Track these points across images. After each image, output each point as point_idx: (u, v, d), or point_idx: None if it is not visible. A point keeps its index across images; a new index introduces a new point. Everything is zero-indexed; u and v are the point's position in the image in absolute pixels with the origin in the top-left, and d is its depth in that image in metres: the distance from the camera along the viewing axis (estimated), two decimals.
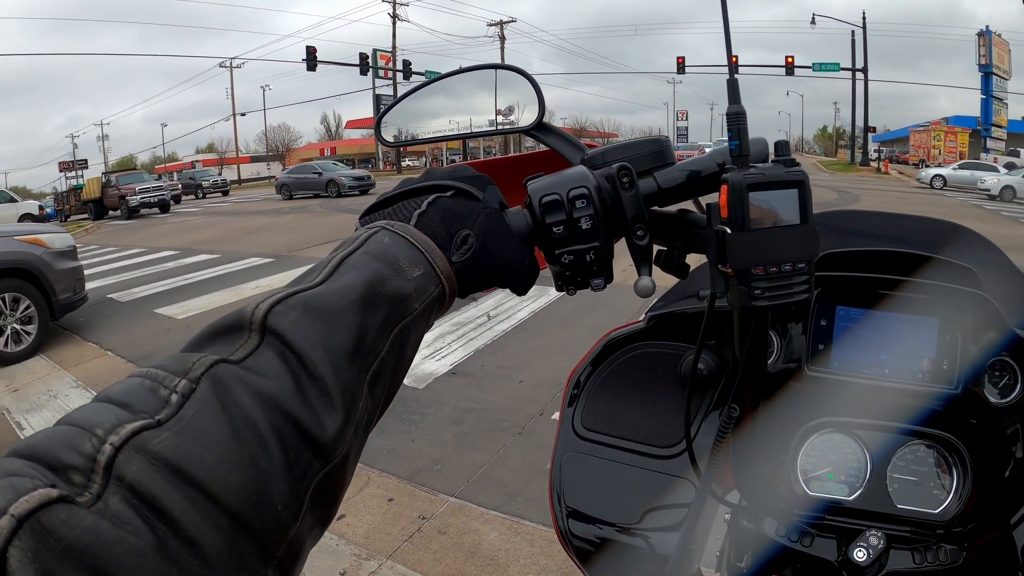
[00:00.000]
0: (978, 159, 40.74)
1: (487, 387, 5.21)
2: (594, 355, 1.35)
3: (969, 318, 1.18)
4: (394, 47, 50.51)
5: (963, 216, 20.44)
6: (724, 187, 0.78)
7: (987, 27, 49.01)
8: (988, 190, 29.53)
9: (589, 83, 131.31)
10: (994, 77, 48.87)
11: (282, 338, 0.55)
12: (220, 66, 62.92)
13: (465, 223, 0.79)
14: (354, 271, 0.65)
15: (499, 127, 1.07)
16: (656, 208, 0.92)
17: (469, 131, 1.09)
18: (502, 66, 1.05)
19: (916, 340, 1.20)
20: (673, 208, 0.90)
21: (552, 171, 0.86)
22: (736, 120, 0.80)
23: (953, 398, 1.16)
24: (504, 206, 0.85)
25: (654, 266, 0.91)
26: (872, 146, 61.73)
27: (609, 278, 0.87)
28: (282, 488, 0.49)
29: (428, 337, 6.30)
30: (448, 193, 0.81)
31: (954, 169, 34.38)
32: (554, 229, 0.82)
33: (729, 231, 0.77)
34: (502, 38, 60.06)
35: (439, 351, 6.04)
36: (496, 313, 7.25)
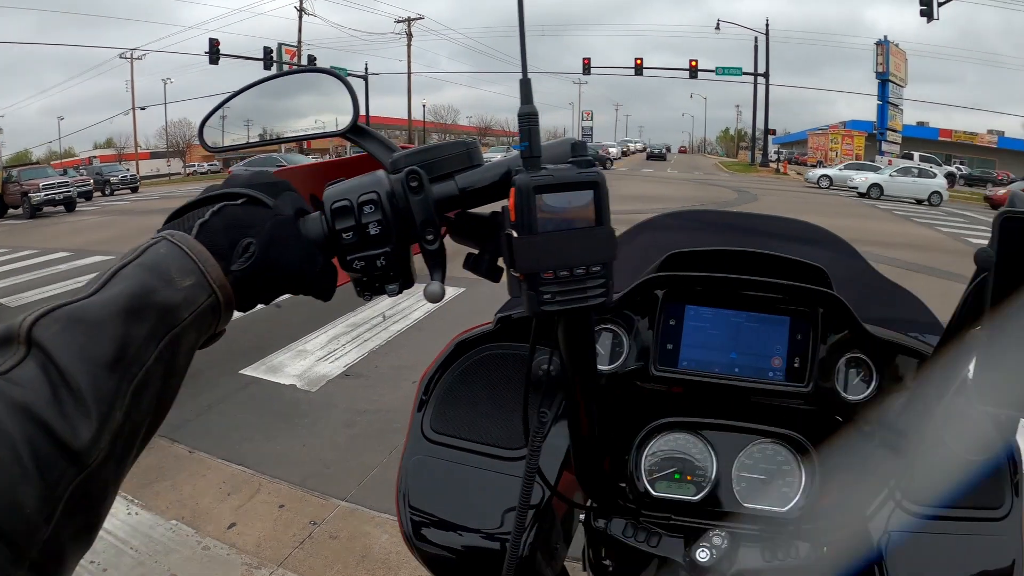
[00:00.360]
0: (873, 161, 43.14)
1: (380, 388, 5.19)
2: (443, 358, 1.35)
3: (820, 316, 1.20)
4: (299, 41, 49.51)
5: (859, 215, 21.62)
6: (512, 189, 0.76)
7: (885, 37, 51.67)
8: (856, 188, 31.71)
9: (496, 82, 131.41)
10: (891, 84, 51.63)
11: (44, 350, 0.57)
12: (120, 57, 60.17)
13: (249, 231, 0.78)
14: (124, 282, 0.65)
15: (317, 131, 1.04)
16: (469, 211, 0.92)
17: (289, 135, 1.07)
18: (318, 70, 1.04)
19: (767, 339, 1.22)
20: (486, 210, 0.90)
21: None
22: (527, 121, 0.78)
23: (805, 396, 1.19)
24: (304, 212, 0.85)
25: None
26: (772, 148, 64.13)
27: (406, 283, 0.87)
28: (32, 493, 0.51)
29: (322, 339, 6.32)
30: (238, 201, 0.81)
31: (840, 169, 36.45)
32: (343, 235, 0.82)
33: (515, 235, 0.76)
34: (409, 35, 59.61)
35: (332, 353, 6.00)
36: (392, 313, 7.23)
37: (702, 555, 1.07)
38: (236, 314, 0.76)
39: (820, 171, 39.24)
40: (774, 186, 35.42)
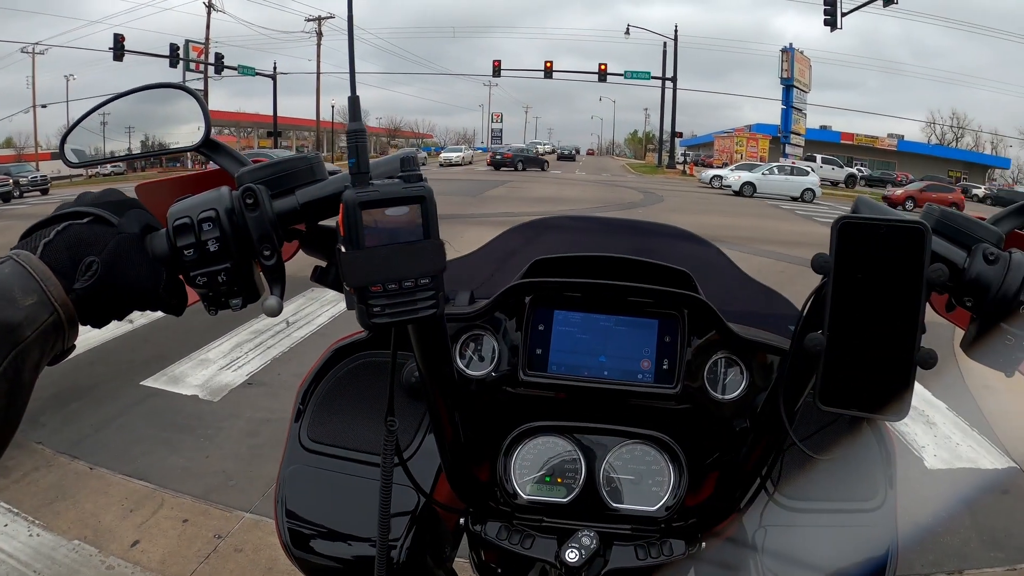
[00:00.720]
0: (778, 162, 44.70)
1: (283, 396, 5.16)
2: (319, 367, 1.35)
3: (686, 319, 1.21)
4: (207, 38, 47.04)
5: (761, 215, 22.10)
6: (341, 205, 0.77)
7: (791, 44, 53.26)
8: (730, 186, 33.29)
9: (407, 83, 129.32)
10: (795, 90, 53.25)
11: None
12: (22, 51, 56.04)
13: (93, 249, 0.79)
14: None
15: (171, 146, 1.04)
16: (320, 224, 0.93)
17: (144, 151, 1.05)
18: (169, 84, 1.03)
19: (635, 342, 1.22)
20: (334, 223, 0.88)
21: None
22: (354, 138, 0.79)
23: (675, 397, 1.20)
24: (153, 228, 0.85)
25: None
26: (679, 150, 65.20)
27: (250, 298, 0.87)
28: None
29: (225, 347, 6.27)
30: (83, 220, 0.81)
31: (731, 170, 37.21)
32: (185, 252, 0.82)
33: (343, 250, 0.78)
34: (319, 34, 58.02)
35: (235, 361, 5.99)
36: (295, 319, 7.23)
37: (572, 556, 1.08)
38: (140, 327, 0.84)
39: (712, 171, 40.53)
40: (680, 187, 36.18)
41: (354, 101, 0.82)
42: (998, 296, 0.85)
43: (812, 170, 36.26)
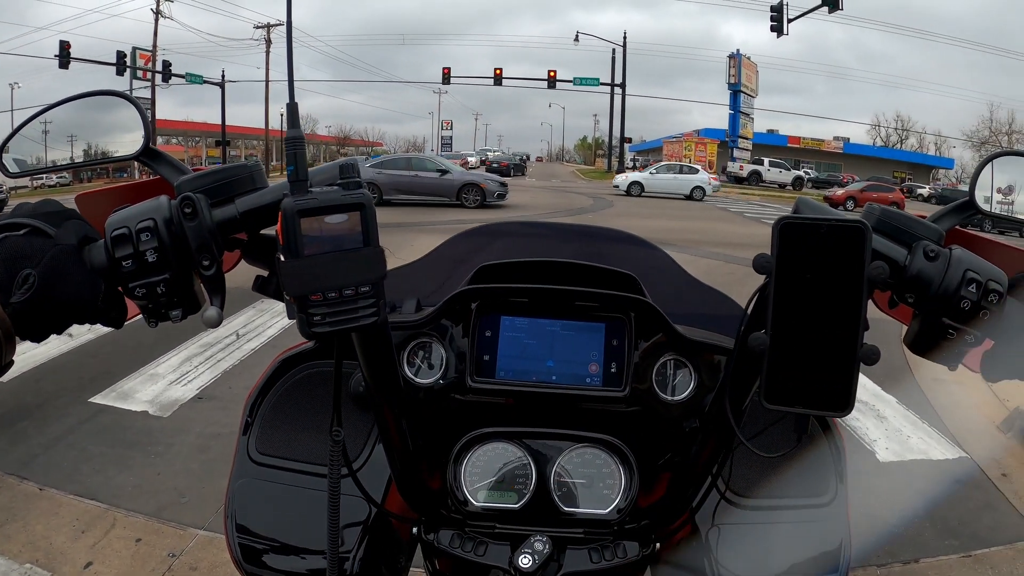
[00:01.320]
0: (725, 167, 45.87)
1: (235, 410, 4.82)
2: (266, 378, 1.33)
3: (633, 321, 1.22)
4: (155, 46, 46.30)
5: (709, 218, 22.51)
6: (280, 213, 0.76)
7: (738, 50, 54.17)
8: (618, 186, 34.61)
9: (357, 91, 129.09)
10: (742, 95, 54.19)
11: None
12: None
13: (30, 262, 0.78)
14: None
15: (112, 155, 1.03)
16: (261, 233, 0.93)
17: (86, 160, 1.05)
18: (109, 92, 1.01)
19: (583, 346, 1.22)
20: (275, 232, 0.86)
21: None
22: (293, 145, 0.78)
23: (622, 400, 1.20)
24: (89, 240, 0.84)
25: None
26: (629, 155, 65.84)
27: (190, 309, 0.87)
28: None
29: (174, 361, 6.17)
30: (20, 232, 0.81)
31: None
32: (123, 263, 0.81)
33: (282, 258, 0.76)
34: (268, 41, 57.43)
35: (186, 375, 5.89)
36: (245, 331, 7.15)
37: (524, 561, 1.08)
38: (97, 339, 0.82)
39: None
40: None
41: (292, 108, 0.81)
42: (939, 292, 0.87)
43: (700, 169, 37.52)
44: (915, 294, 0.90)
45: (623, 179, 36.10)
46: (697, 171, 35.91)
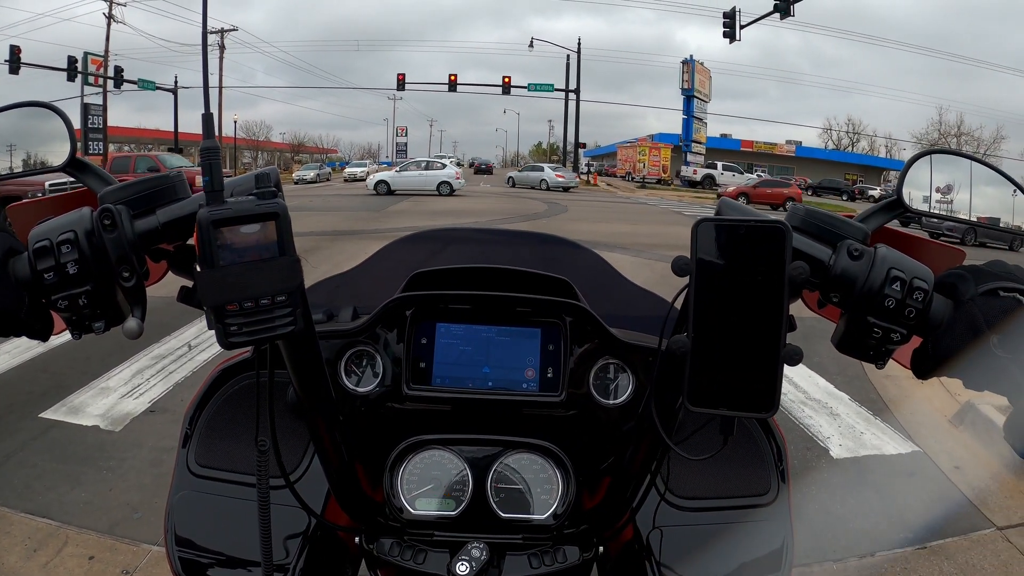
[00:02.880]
0: (680, 171, 46.29)
1: None
2: (205, 388, 1.33)
3: (568, 326, 1.22)
4: (107, 51, 45.42)
5: (665, 222, 22.60)
6: (196, 224, 0.76)
7: (691, 56, 54.95)
8: (367, 186, 35.94)
9: (312, 98, 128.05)
10: (695, 100, 54.91)
11: None
12: None
13: None
14: None
15: (36, 168, 1.02)
16: (186, 244, 0.93)
17: (9, 171, 1.03)
18: (33, 103, 1.01)
19: (519, 351, 1.22)
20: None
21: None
22: (207, 156, 0.78)
23: (560, 404, 1.21)
24: (14, 252, 0.84)
25: None
26: (583, 160, 66.15)
27: (113, 320, 0.86)
28: None
29: (126, 374, 6.05)
30: None
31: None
32: (45, 275, 0.81)
33: (199, 268, 0.77)
34: (222, 47, 56.74)
35: (137, 388, 5.79)
36: (197, 342, 7.03)
37: (462, 568, 1.08)
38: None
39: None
40: (584, 197, 36.62)
41: (208, 118, 0.81)
42: (863, 290, 0.88)
43: (446, 164, 38.18)
44: (840, 293, 0.90)
45: (372, 179, 36.81)
46: (443, 167, 36.72)
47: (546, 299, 1.23)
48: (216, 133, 0.81)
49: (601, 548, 1.20)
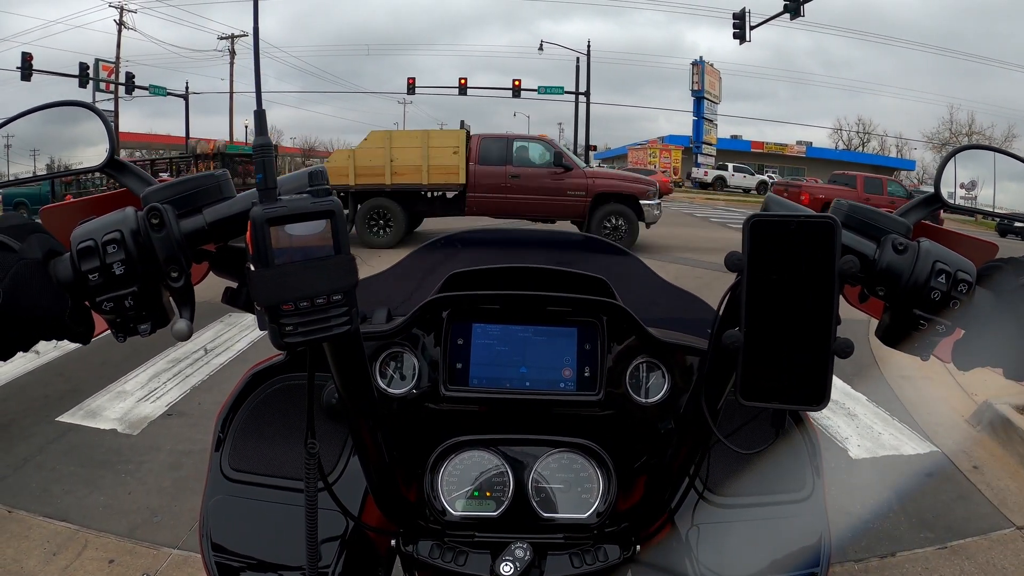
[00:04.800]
0: (690, 173, 46.67)
1: (205, 426, 4.94)
2: (237, 393, 1.32)
3: (605, 325, 1.22)
4: (118, 58, 45.37)
5: (677, 224, 22.45)
6: (249, 223, 0.75)
7: (701, 57, 54.74)
8: None
9: (323, 102, 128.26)
10: (705, 101, 54.74)
11: None
12: None
13: None
14: None
15: (75, 167, 1.02)
16: (229, 244, 0.92)
17: (46, 172, 1.04)
18: (73, 103, 0.99)
19: (556, 351, 1.22)
20: (243, 242, 0.84)
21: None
22: (261, 153, 0.77)
23: (597, 404, 1.21)
24: (57, 253, 0.82)
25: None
26: (594, 163, 66.16)
27: (159, 322, 0.85)
28: None
29: (142, 378, 6.06)
30: None
31: None
32: (90, 276, 0.79)
33: (252, 268, 0.75)
34: (232, 53, 56.83)
35: (154, 392, 5.79)
36: (213, 346, 7.05)
37: (506, 569, 1.08)
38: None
39: None
40: None
41: (260, 115, 0.79)
42: (909, 283, 0.88)
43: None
44: (886, 287, 0.90)
45: None
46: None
47: (583, 298, 1.23)
48: (266, 131, 0.78)
49: (638, 547, 1.19)
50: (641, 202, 15.04)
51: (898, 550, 3.59)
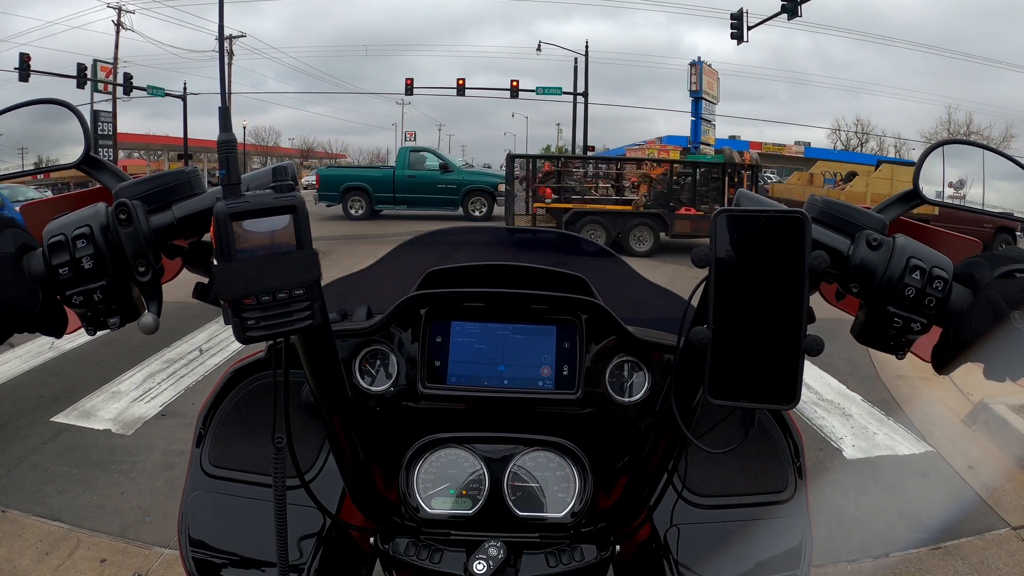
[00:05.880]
0: None
1: None
2: (218, 389, 1.32)
3: (584, 324, 1.21)
4: (116, 58, 45.43)
5: None
6: (212, 218, 0.76)
7: (699, 58, 54.52)
8: None
9: (321, 103, 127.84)
10: (704, 102, 54.56)
11: None
12: None
13: None
14: None
15: (51, 164, 1.01)
16: (201, 240, 0.92)
17: (20, 170, 1.03)
18: (48, 100, 0.99)
19: (535, 349, 1.22)
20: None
21: None
22: (225, 149, 0.78)
23: (576, 402, 1.20)
24: (28, 248, 0.83)
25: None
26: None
27: (128, 316, 0.85)
28: None
29: (137, 378, 6.07)
30: None
31: None
32: (60, 271, 0.80)
33: (216, 262, 0.76)
34: (230, 53, 56.76)
35: (148, 392, 5.80)
36: (208, 346, 7.06)
37: (479, 567, 1.08)
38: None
39: None
40: None
41: (225, 112, 0.81)
42: (883, 280, 0.87)
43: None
44: (859, 283, 0.89)
45: None
46: None
47: (562, 296, 1.22)
48: (230, 127, 0.79)
49: (617, 547, 1.19)
50: None
51: (892, 551, 3.57)
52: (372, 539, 1.20)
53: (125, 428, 5.10)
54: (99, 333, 0.87)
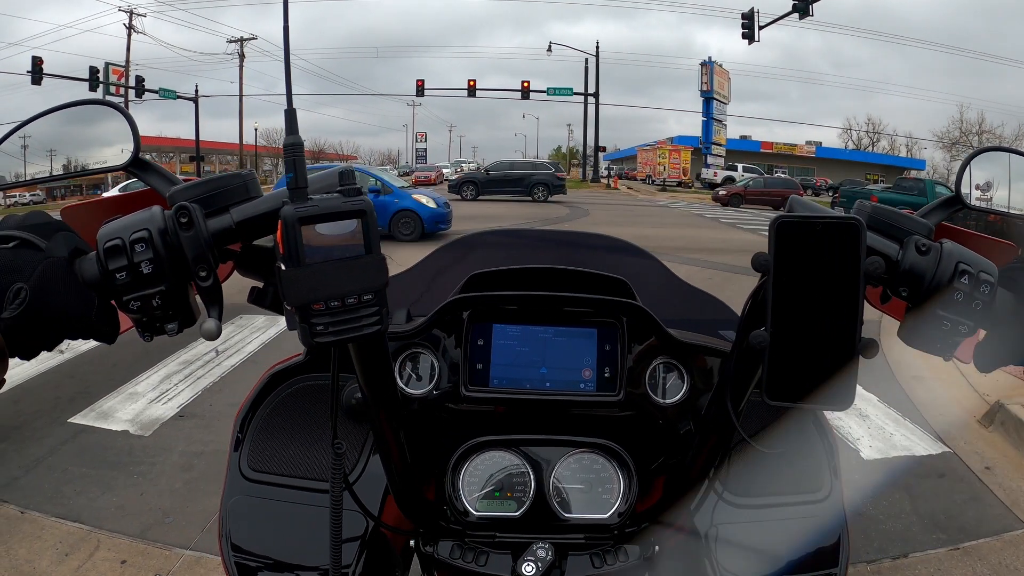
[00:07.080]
0: (700, 174, 47.35)
1: (216, 427, 5.05)
2: (256, 393, 1.32)
3: (625, 326, 1.22)
4: (127, 61, 45.58)
5: (689, 225, 22.39)
6: (280, 222, 0.75)
7: (710, 58, 54.75)
8: None
9: (333, 105, 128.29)
10: (715, 102, 54.72)
11: None
12: None
13: (20, 275, 0.75)
14: None
15: (98, 166, 1.00)
16: (254, 244, 0.92)
17: (65, 172, 1.02)
18: (96, 101, 0.99)
19: (576, 351, 1.22)
20: (270, 242, 0.88)
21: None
22: (292, 151, 0.77)
23: (617, 404, 1.21)
24: (82, 252, 0.82)
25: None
26: (603, 164, 66.06)
27: (186, 322, 0.84)
28: None
29: (154, 379, 6.08)
30: (9, 244, 0.79)
31: None
32: (117, 275, 0.78)
33: (283, 267, 0.75)
34: (241, 56, 56.94)
35: (165, 393, 5.81)
36: (224, 348, 7.05)
37: (528, 569, 1.08)
38: (58, 360, 0.78)
39: None
40: (605, 200, 36.41)
41: (291, 114, 0.79)
42: (932, 284, 0.88)
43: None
44: (908, 288, 0.90)
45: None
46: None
47: (604, 299, 1.23)
48: (296, 130, 0.78)
49: (656, 547, 1.19)
50: None
51: (910, 551, 3.58)
52: (411, 541, 1.21)
53: (143, 429, 5.10)
54: (156, 338, 0.85)
